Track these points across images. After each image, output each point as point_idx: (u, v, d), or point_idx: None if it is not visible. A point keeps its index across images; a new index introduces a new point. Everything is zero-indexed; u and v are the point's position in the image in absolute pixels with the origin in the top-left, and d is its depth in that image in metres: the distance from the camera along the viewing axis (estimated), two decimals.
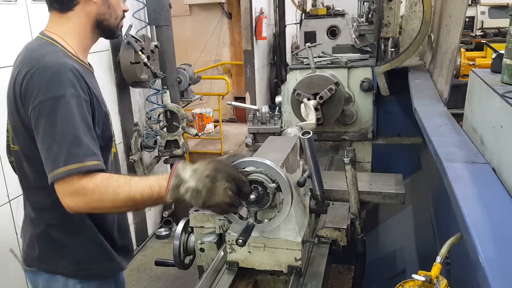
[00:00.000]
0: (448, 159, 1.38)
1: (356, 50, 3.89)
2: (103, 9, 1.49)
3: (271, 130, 2.58)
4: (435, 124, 1.81)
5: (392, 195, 1.96)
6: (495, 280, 0.81)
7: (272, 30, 8.67)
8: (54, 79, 1.31)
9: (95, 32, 1.53)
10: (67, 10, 1.46)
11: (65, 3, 1.45)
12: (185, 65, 4.77)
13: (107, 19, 1.51)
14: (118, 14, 1.55)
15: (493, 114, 1.37)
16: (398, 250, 2.65)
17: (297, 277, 1.51)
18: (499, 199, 1.12)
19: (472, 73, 1.71)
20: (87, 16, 1.48)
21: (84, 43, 1.53)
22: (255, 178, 1.35)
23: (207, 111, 5.27)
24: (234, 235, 1.52)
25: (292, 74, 3.04)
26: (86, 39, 1.53)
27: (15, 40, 2.57)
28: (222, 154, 6.70)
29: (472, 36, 6.42)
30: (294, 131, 2.05)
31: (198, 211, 1.93)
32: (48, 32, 1.49)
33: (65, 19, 1.47)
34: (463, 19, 2.03)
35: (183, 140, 4.21)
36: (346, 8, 7.76)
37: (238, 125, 8.27)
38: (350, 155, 1.65)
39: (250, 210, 1.40)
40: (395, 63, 2.72)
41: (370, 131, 2.97)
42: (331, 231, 1.72)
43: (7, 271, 2.57)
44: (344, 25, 7.20)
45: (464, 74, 2.71)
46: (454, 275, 1.59)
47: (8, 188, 2.55)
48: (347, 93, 2.90)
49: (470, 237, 0.96)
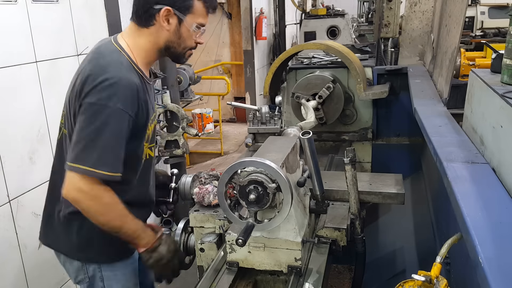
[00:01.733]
0: (448, 159, 1.38)
1: (356, 50, 3.89)
2: (174, 38, 1.57)
3: (271, 130, 2.58)
4: (435, 124, 1.81)
5: (392, 195, 1.96)
6: (495, 280, 0.81)
7: (272, 30, 8.66)
8: (110, 90, 1.42)
9: (161, 53, 1.62)
10: (143, 27, 1.56)
11: (143, 21, 1.55)
12: (185, 65, 4.77)
13: (175, 47, 1.60)
14: (187, 45, 1.62)
15: (493, 114, 1.37)
16: (398, 250, 2.65)
17: (297, 277, 1.51)
18: (499, 199, 1.12)
19: (472, 73, 1.71)
20: (158, 39, 1.57)
21: (149, 59, 1.63)
22: (255, 178, 1.35)
23: (207, 111, 5.27)
24: (234, 235, 1.52)
25: (292, 74, 3.04)
26: (152, 56, 1.62)
27: (15, 40, 2.57)
28: (222, 154, 6.70)
29: (472, 36, 6.43)
30: (294, 131, 2.05)
31: (198, 211, 1.93)
32: (121, 39, 1.59)
33: (140, 33, 1.58)
34: (463, 19, 2.03)
35: (183, 140, 4.21)
36: (346, 8, 7.76)
37: (238, 125, 8.27)
38: (350, 155, 1.65)
39: (250, 210, 1.40)
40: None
41: (370, 131, 2.97)
42: (331, 231, 1.72)
43: (7, 271, 2.57)
44: (344, 25, 7.21)
45: (464, 74, 2.71)
46: (454, 275, 1.59)
47: (8, 188, 2.55)
48: (347, 93, 2.90)
49: (470, 237, 0.96)
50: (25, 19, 2.64)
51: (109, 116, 1.41)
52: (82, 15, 3.12)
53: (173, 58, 1.66)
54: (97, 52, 1.55)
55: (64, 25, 2.97)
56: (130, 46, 1.57)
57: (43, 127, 2.79)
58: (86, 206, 1.45)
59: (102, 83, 1.42)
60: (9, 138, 2.53)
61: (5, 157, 2.52)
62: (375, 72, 3.02)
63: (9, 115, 2.53)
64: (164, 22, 1.52)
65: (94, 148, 1.40)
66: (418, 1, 3.33)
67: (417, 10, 3.35)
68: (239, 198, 1.40)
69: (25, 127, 2.66)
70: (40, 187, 2.76)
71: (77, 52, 3.10)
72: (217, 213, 1.89)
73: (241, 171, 1.38)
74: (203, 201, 1.93)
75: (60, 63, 2.90)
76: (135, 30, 1.58)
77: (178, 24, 1.54)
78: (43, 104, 2.78)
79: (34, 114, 2.73)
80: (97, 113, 1.41)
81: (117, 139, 1.44)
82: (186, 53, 1.65)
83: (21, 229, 2.64)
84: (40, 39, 2.73)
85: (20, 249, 2.64)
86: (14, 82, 2.56)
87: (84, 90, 1.44)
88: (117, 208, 1.50)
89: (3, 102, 2.49)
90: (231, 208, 1.44)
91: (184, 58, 1.67)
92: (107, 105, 1.40)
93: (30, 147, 2.69)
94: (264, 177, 1.35)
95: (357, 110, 2.95)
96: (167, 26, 1.53)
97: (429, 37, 3.21)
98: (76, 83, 1.49)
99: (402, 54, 3.43)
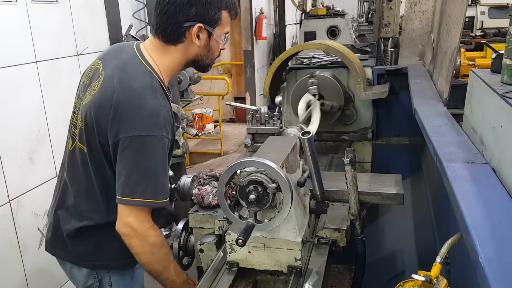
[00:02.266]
0: (448, 159, 1.38)
1: (356, 50, 3.89)
2: (203, 52, 1.54)
3: (270, 131, 2.57)
4: (435, 124, 1.80)
5: (391, 196, 1.96)
6: (495, 280, 0.81)
7: (272, 30, 8.67)
8: (151, 119, 1.40)
9: (187, 66, 1.60)
10: (170, 44, 1.51)
11: (171, 39, 1.49)
12: None
13: (203, 60, 1.58)
14: (215, 55, 1.60)
15: (493, 114, 1.37)
16: (397, 251, 2.64)
17: (297, 277, 1.51)
18: (499, 199, 1.12)
19: (472, 73, 1.71)
20: (186, 55, 1.54)
21: (174, 72, 1.60)
22: (255, 178, 1.35)
23: (207, 111, 5.27)
24: (234, 235, 1.52)
25: (292, 74, 3.04)
26: (177, 71, 1.61)
27: (15, 40, 2.57)
28: (222, 154, 6.70)
29: (472, 36, 6.43)
30: (294, 131, 2.05)
31: (197, 212, 1.93)
32: (146, 54, 1.53)
33: (166, 50, 1.52)
34: (463, 19, 2.03)
35: (183, 140, 4.21)
36: (346, 8, 7.76)
37: (238, 125, 8.27)
38: (350, 156, 1.64)
39: (250, 210, 1.40)
40: None
41: (370, 131, 2.97)
42: (331, 232, 1.72)
43: (7, 271, 2.57)
44: (344, 25, 7.21)
45: (464, 74, 2.71)
46: (454, 275, 1.59)
47: (8, 188, 2.55)
48: (347, 93, 2.90)
49: (470, 237, 0.96)
50: (25, 19, 2.64)
51: (156, 146, 1.41)
52: (82, 15, 3.12)
53: (199, 68, 1.63)
54: (126, 73, 1.47)
55: (64, 25, 2.98)
56: (157, 64, 1.52)
57: (43, 127, 2.79)
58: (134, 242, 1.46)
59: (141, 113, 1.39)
60: (9, 138, 2.53)
61: (5, 157, 2.52)
62: (375, 72, 3.02)
63: (9, 115, 2.53)
64: (195, 39, 1.48)
65: (149, 179, 1.42)
66: (418, 1, 3.33)
67: (417, 10, 3.35)
68: (239, 198, 1.40)
69: (25, 127, 2.66)
70: (40, 187, 2.76)
71: (77, 52, 3.10)
72: (216, 214, 1.89)
73: (241, 171, 1.38)
74: (202, 202, 1.93)
75: (60, 63, 2.91)
76: (160, 47, 1.52)
77: (208, 38, 1.51)
78: (43, 104, 2.78)
79: (34, 114, 2.73)
80: (145, 145, 1.39)
81: (163, 165, 1.46)
82: (212, 63, 1.64)
83: (21, 229, 2.64)
84: (40, 39, 2.73)
85: (20, 249, 2.64)
86: (14, 82, 2.56)
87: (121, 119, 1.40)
88: (161, 251, 1.50)
89: (3, 102, 2.49)
90: (231, 208, 1.44)
91: (210, 67, 1.66)
92: (152, 135, 1.39)
93: (30, 147, 2.69)
94: (264, 177, 1.35)
95: (357, 110, 2.94)
96: (198, 42, 1.49)
97: (429, 37, 3.21)
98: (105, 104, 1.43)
99: (402, 54, 3.43)
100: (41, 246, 2.71)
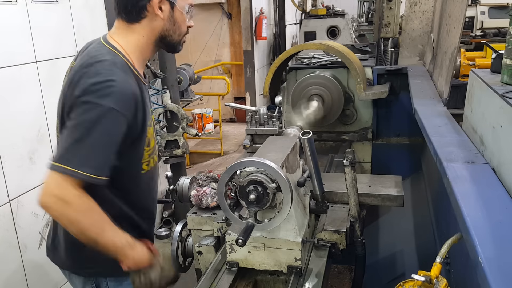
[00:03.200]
0: (448, 159, 1.38)
1: (356, 50, 3.89)
2: (169, 25, 1.51)
3: (269, 132, 2.56)
4: (435, 124, 1.80)
5: (391, 197, 1.95)
6: (495, 280, 0.81)
7: (272, 30, 8.67)
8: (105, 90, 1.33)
9: (156, 46, 1.56)
10: (134, 22, 1.48)
11: (133, 15, 1.47)
12: (185, 65, 4.77)
13: (171, 35, 1.53)
14: (182, 30, 1.56)
15: (493, 114, 1.37)
16: (398, 253, 2.64)
17: (297, 277, 1.51)
18: (499, 199, 1.12)
19: (472, 73, 1.71)
20: (152, 31, 1.50)
21: (144, 55, 1.55)
22: (255, 178, 1.35)
23: (207, 111, 5.27)
24: (234, 235, 1.52)
25: (292, 74, 3.04)
26: (147, 52, 1.55)
27: (15, 40, 2.57)
28: (222, 154, 6.70)
29: (472, 36, 6.43)
30: (294, 131, 2.05)
31: (195, 213, 1.93)
32: (111, 39, 1.50)
33: (131, 30, 1.50)
34: (463, 19, 2.03)
35: (183, 140, 4.21)
36: (346, 8, 7.76)
37: (238, 125, 8.27)
38: (349, 157, 1.64)
39: (250, 210, 1.40)
40: None
41: (370, 131, 2.97)
42: (331, 234, 1.71)
43: (7, 271, 2.57)
44: (344, 25, 7.21)
45: (464, 74, 2.71)
46: (454, 275, 1.59)
47: (8, 188, 2.55)
48: (347, 93, 2.90)
49: (470, 237, 0.96)
50: (25, 19, 2.64)
51: (101, 115, 1.31)
52: (82, 15, 3.12)
53: (170, 48, 1.58)
54: (88, 55, 1.45)
55: (64, 25, 2.97)
56: (123, 46, 1.49)
57: (43, 127, 2.79)
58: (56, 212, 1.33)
59: (95, 84, 1.33)
60: (9, 138, 2.53)
61: (5, 157, 2.52)
62: (375, 72, 3.02)
63: (9, 115, 2.53)
64: (158, 10, 1.45)
65: (80, 147, 1.31)
66: (418, 1, 3.33)
67: (417, 10, 3.35)
68: (239, 198, 1.40)
69: (25, 127, 2.66)
70: (40, 187, 2.76)
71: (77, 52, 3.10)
72: (215, 216, 1.88)
73: (241, 171, 1.38)
74: (201, 203, 1.92)
75: (60, 63, 2.90)
76: (125, 28, 1.50)
77: (171, 9, 1.48)
78: (43, 104, 2.78)
79: (34, 114, 2.73)
80: (88, 111, 1.31)
81: (107, 140, 1.34)
82: (182, 40, 1.59)
83: (21, 229, 2.64)
84: (40, 39, 2.73)
85: (20, 249, 2.64)
86: (14, 82, 2.56)
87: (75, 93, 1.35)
88: (91, 217, 1.35)
89: (3, 102, 2.49)
90: (231, 208, 1.44)
91: (180, 46, 1.61)
92: (100, 103, 1.31)
93: (30, 147, 2.69)
94: (264, 177, 1.35)
95: (357, 110, 2.95)
96: (161, 14, 1.47)
97: (429, 37, 3.21)
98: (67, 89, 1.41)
99: (402, 54, 3.43)
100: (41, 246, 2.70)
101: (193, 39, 8.42)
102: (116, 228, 1.41)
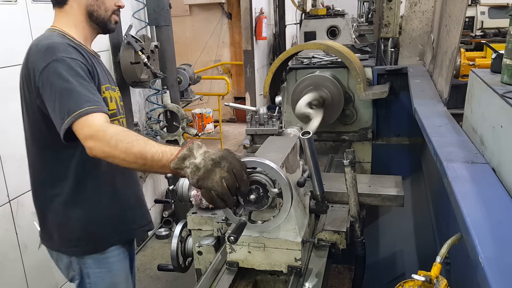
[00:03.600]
0: (448, 159, 1.38)
1: (356, 50, 3.89)
2: (91, 1, 1.67)
3: (269, 132, 2.56)
4: (435, 124, 1.80)
5: (391, 197, 1.95)
6: (495, 280, 0.81)
7: (272, 30, 8.67)
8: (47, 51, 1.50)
9: (90, 25, 1.71)
10: (63, 4, 1.67)
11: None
12: (185, 65, 4.78)
13: (96, 10, 1.69)
14: (108, 6, 1.71)
15: (493, 114, 1.37)
16: (398, 253, 2.64)
17: (297, 277, 1.51)
18: (499, 199, 1.12)
19: (472, 73, 1.71)
20: (79, 8, 1.67)
21: (83, 34, 1.71)
22: (258, 179, 1.35)
23: (207, 111, 5.27)
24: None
25: (292, 74, 3.04)
26: (84, 30, 1.71)
27: (15, 40, 2.57)
28: None
29: (472, 36, 6.42)
30: (294, 131, 2.05)
31: (195, 213, 1.93)
32: (52, 27, 1.70)
33: (63, 13, 1.68)
34: (463, 19, 2.03)
35: (183, 140, 4.21)
36: (346, 8, 7.76)
37: (238, 125, 8.28)
38: (349, 157, 1.64)
39: (245, 208, 1.39)
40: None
41: (370, 131, 2.97)
42: (331, 234, 1.71)
43: (7, 271, 2.57)
44: (344, 25, 7.20)
45: (464, 74, 2.71)
46: (454, 275, 1.59)
47: (8, 188, 2.55)
48: (347, 93, 2.90)
49: (470, 237, 0.96)
50: (25, 19, 2.64)
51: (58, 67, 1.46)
52: None
53: (101, 25, 1.72)
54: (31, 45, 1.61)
55: None
56: (60, 28, 1.67)
57: None
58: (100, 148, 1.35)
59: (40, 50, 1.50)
60: (9, 138, 2.53)
61: (5, 157, 2.52)
62: (375, 72, 3.02)
63: (10, 115, 2.53)
64: None
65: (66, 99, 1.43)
66: (418, 1, 3.33)
67: (417, 10, 3.35)
68: (238, 195, 1.39)
69: None
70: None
71: None
72: (215, 216, 1.88)
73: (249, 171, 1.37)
74: (201, 203, 1.92)
75: None
76: (58, 13, 1.69)
77: None
78: None
79: None
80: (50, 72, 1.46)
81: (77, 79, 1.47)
82: (111, 17, 1.73)
83: (21, 229, 2.64)
84: None
85: (20, 249, 2.64)
86: (14, 82, 2.55)
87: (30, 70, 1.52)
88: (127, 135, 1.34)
89: (3, 101, 2.49)
90: None
91: (111, 24, 1.75)
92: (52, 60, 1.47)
93: None
94: (267, 179, 1.35)
95: (357, 110, 2.94)
96: None
97: (429, 37, 3.21)
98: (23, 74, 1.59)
99: (402, 54, 3.43)
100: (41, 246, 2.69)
101: (193, 39, 8.43)
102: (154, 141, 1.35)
